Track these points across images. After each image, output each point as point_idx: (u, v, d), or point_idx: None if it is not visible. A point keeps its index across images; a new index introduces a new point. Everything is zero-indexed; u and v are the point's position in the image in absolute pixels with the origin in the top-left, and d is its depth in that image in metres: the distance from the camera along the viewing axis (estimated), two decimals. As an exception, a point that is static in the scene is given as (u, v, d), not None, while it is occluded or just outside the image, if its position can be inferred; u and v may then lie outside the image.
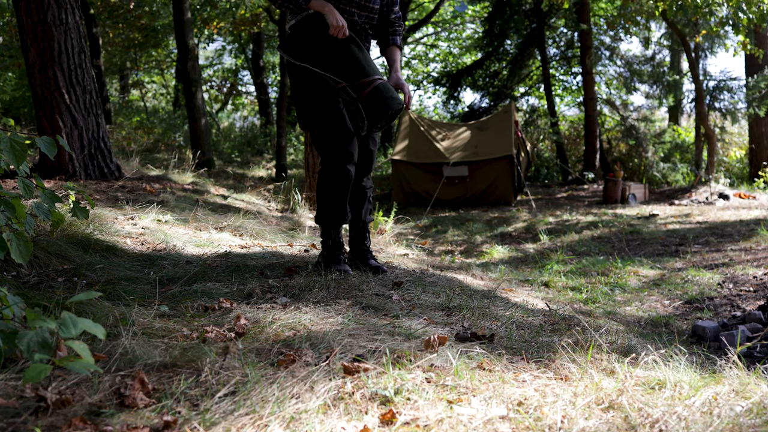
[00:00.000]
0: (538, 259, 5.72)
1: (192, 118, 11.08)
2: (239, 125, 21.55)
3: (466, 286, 3.31)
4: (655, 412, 1.44)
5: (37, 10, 5.22)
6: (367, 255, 3.22)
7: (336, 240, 3.10)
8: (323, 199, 3.05)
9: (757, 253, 5.50)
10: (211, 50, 23.92)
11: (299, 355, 1.75)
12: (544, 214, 9.51)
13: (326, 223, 3.07)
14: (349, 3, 2.95)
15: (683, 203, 10.13)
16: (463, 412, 1.43)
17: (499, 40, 15.29)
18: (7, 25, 14.37)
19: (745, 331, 3.05)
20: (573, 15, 13.74)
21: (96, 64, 12.92)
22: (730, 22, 10.25)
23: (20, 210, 2.07)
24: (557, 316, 2.72)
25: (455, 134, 11.63)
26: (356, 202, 3.16)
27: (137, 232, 3.84)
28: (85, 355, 1.36)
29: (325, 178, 3.01)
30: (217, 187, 7.58)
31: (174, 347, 1.79)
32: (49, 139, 2.11)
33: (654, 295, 4.26)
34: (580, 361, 1.79)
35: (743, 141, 16.48)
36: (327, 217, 3.06)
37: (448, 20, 20.42)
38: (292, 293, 2.60)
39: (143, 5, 15.03)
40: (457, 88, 15.89)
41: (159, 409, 1.39)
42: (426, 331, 2.12)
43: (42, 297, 2.24)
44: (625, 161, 15.15)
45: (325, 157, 2.98)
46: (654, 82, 15.74)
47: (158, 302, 2.36)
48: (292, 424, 1.35)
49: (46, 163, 5.41)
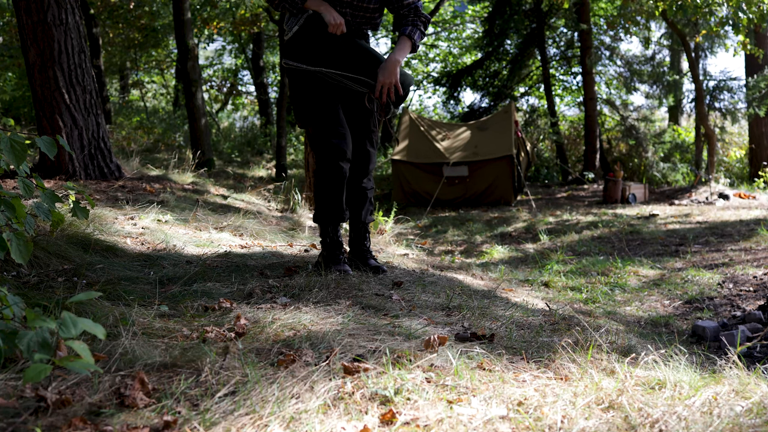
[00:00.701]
0: (538, 259, 5.72)
1: (192, 118, 11.08)
2: (239, 125, 21.54)
3: (466, 286, 3.31)
4: (655, 412, 1.44)
5: (37, 10, 5.22)
6: (367, 255, 3.22)
7: (334, 239, 3.09)
8: (319, 197, 3.06)
9: (757, 253, 5.50)
10: (211, 50, 23.93)
11: (299, 355, 1.75)
12: (544, 214, 9.51)
13: (322, 221, 3.08)
14: (341, 3, 2.95)
15: (683, 203, 10.13)
16: (463, 412, 1.43)
17: (499, 40, 15.29)
18: (7, 25, 14.37)
19: (745, 331, 3.05)
20: (573, 15, 13.75)
21: (96, 64, 12.92)
22: (730, 22, 10.25)
23: (20, 210, 2.07)
24: (557, 316, 2.72)
25: (455, 134, 11.63)
26: (356, 202, 3.16)
27: (137, 232, 3.84)
28: (85, 355, 1.36)
29: (319, 176, 3.02)
30: (217, 187, 7.58)
31: (174, 347, 1.79)
32: (49, 139, 2.11)
33: (654, 295, 4.26)
34: (580, 361, 1.79)
35: (743, 141, 16.49)
36: (323, 215, 3.06)
37: (448, 20, 20.40)
38: (292, 293, 2.60)
39: (143, 5, 15.03)
40: (457, 88, 15.89)
41: (159, 409, 1.39)
42: (426, 331, 2.12)
43: (42, 297, 2.24)
44: (625, 161, 15.16)
45: (318, 154, 3.00)
46: (654, 82, 15.75)
47: (158, 302, 2.36)
48: (292, 424, 1.35)
49: (46, 163, 5.41)
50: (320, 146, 2.97)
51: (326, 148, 2.95)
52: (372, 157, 3.14)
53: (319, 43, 2.94)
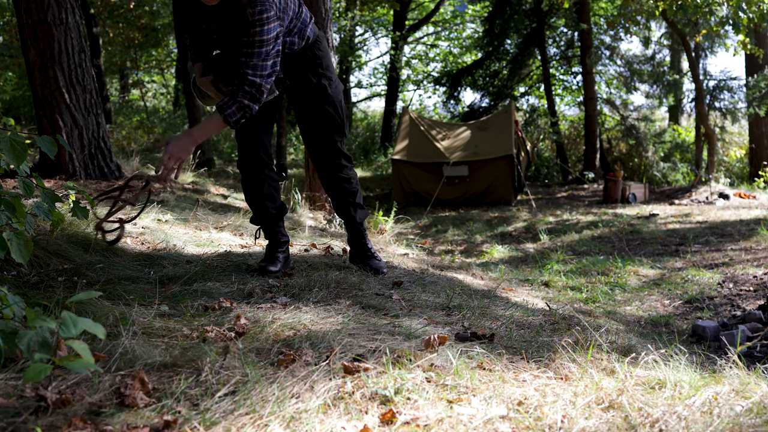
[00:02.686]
0: (538, 258, 5.72)
1: (192, 118, 11.07)
2: (239, 125, 21.49)
3: (467, 286, 3.31)
4: (655, 411, 1.44)
5: (37, 10, 5.22)
6: (367, 254, 3.21)
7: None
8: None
9: (757, 253, 5.50)
10: (211, 50, 23.87)
11: (299, 354, 1.75)
12: (544, 213, 9.51)
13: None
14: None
15: (683, 203, 10.13)
16: (463, 411, 1.43)
17: (499, 39, 15.29)
18: (7, 25, 14.36)
19: (745, 331, 3.05)
20: (573, 15, 13.74)
21: (96, 64, 12.91)
22: (730, 21, 10.25)
23: (20, 209, 2.07)
24: (557, 316, 2.72)
25: (455, 134, 11.63)
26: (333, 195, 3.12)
27: (137, 232, 3.84)
28: (85, 355, 1.36)
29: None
30: (217, 186, 7.58)
31: (174, 347, 1.79)
32: (49, 138, 2.11)
33: (654, 294, 4.26)
34: (580, 361, 1.79)
35: (743, 141, 16.48)
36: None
37: (448, 20, 20.41)
38: (292, 293, 2.60)
39: (143, 5, 15.02)
40: (457, 88, 15.88)
41: (159, 408, 1.39)
42: (426, 331, 2.12)
43: (42, 297, 2.24)
44: (625, 161, 15.15)
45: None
46: (654, 82, 15.75)
47: (158, 302, 2.36)
48: (292, 423, 1.35)
49: (46, 162, 5.41)
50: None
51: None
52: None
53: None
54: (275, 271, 2.97)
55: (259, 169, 2.99)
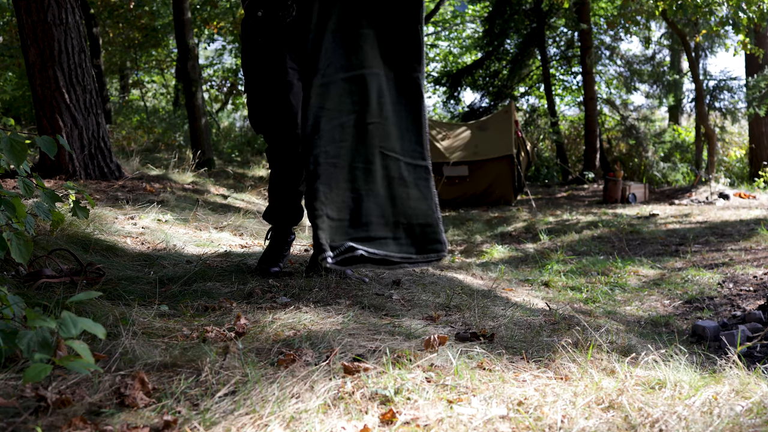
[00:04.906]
0: (538, 258, 5.71)
1: (192, 118, 11.07)
2: (239, 125, 21.52)
3: (466, 286, 3.31)
4: (655, 411, 1.44)
5: (37, 10, 5.22)
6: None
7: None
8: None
9: (757, 253, 5.50)
10: (211, 50, 23.89)
11: (299, 354, 1.75)
12: (544, 213, 9.51)
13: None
14: None
15: (683, 203, 10.12)
16: (463, 411, 1.43)
17: (499, 39, 15.29)
18: (7, 25, 14.36)
19: (745, 331, 3.05)
20: (573, 15, 13.74)
21: (96, 64, 12.91)
22: (730, 21, 10.25)
23: (20, 209, 2.07)
24: (557, 316, 2.72)
25: (455, 134, 11.62)
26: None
27: (137, 232, 3.84)
28: (85, 355, 1.36)
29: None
30: (217, 186, 7.57)
31: (174, 347, 1.79)
32: (49, 138, 2.11)
33: (654, 294, 4.25)
34: (580, 361, 1.79)
35: (743, 141, 16.47)
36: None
37: (448, 20, 20.40)
38: (292, 293, 2.60)
39: (143, 5, 15.02)
40: (457, 88, 15.88)
41: (159, 408, 1.39)
42: (426, 331, 2.12)
43: (42, 297, 2.24)
44: (625, 161, 15.15)
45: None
46: (654, 82, 15.75)
47: (158, 302, 2.36)
48: (292, 423, 1.35)
49: (46, 162, 5.41)
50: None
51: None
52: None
53: None
54: (277, 271, 2.97)
55: (296, 157, 2.56)
